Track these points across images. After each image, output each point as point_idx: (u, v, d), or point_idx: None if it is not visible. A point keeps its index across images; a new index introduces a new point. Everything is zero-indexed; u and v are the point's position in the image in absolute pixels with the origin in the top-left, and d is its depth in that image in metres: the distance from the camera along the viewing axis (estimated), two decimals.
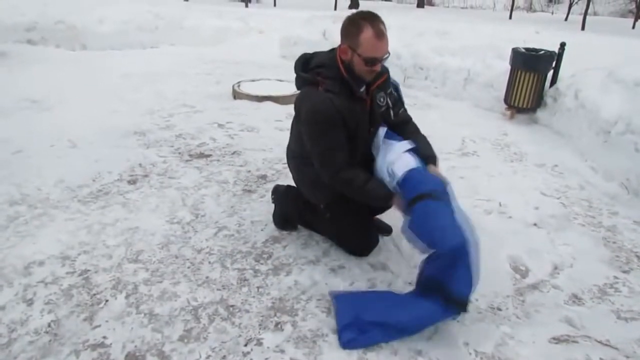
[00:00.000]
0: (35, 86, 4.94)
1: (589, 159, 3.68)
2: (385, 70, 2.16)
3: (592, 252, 2.54)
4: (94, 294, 1.99)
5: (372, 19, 1.90)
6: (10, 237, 2.37)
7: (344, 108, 1.97)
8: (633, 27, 13.79)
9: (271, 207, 2.65)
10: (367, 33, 1.87)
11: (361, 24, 1.89)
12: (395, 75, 2.81)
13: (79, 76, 5.58)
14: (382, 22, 1.92)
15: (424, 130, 2.37)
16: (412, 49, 6.13)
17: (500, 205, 2.99)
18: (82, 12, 7.56)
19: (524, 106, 4.71)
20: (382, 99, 2.16)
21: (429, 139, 2.31)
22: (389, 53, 1.97)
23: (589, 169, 3.58)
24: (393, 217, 2.68)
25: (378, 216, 2.56)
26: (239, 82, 5.30)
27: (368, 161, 2.17)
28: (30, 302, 1.92)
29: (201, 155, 3.53)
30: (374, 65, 1.94)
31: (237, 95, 5.05)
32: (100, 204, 2.75)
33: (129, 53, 7.22)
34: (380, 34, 1.89)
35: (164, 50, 7.63)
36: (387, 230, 2.55)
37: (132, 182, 3.05)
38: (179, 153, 3.55)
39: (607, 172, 3.43)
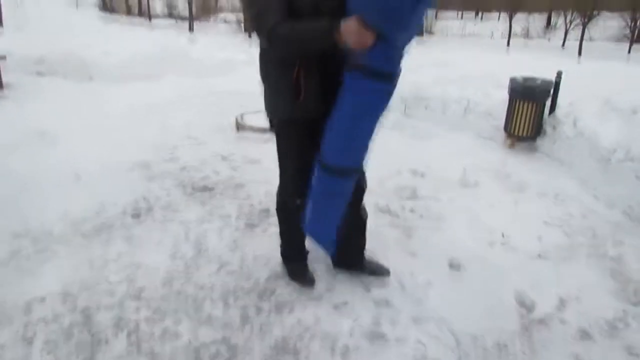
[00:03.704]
0: (42, 119, 5.00)
1: (590, 187, 3.68)
2: None
3: (599, 284, 2.52)
4: (95, 333, 1.98)
5: None
6: (12, 273, 2.37)
7: None
8: (629, 52, 13.98)
9: (274, 241, 2.64)
10: None
11: None
12: (395, 104, 2.86)
13: (86, 108, 5.66)
14: None
15: (424, 161, 2.38)
16: (412, 78, 6.20)
17: (503, 236, 2.98)
18: (91, 45, 7.75)
19: (524, 135, 4.74)
20: None
21: (430, 169, 2.31)
22: None
23: (591, 197, 3.58)
24: (391, 259, 2.68)
25: (373, 257, 2.54)
26: (242, 114, 5.36)
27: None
28: (30, 342, 1.91)
29: (204, 189, 3.55)
30: None
31: (240, 127, 5.10)
32: (104, 238, 2.75)
33: (135, 85, 7.33)
34: None
35: (169, 81, 7.74)
36: (385, 272, 2.47)
37: (136, 215, 3.06)
38: (183, 186, 3.57)
39: (609, 200, 3.43)
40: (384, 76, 1.79)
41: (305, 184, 2.07)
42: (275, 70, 1.98)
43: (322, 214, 2.05)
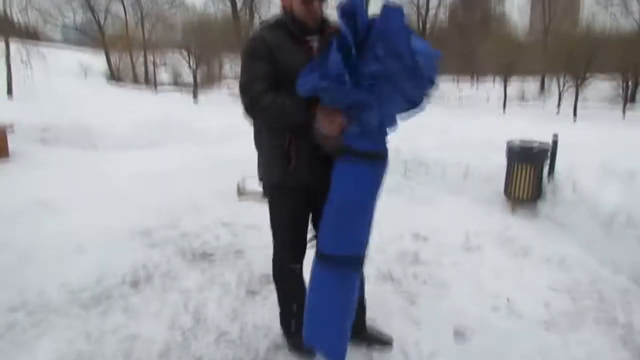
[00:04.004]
0: (45, 187, 5.07)
1: (595, 251, 3.65)
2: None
3: (609, 354, 2.43)
4: None
5: None
6: (8, 347, 2.31)
7: (276, 42, 1.91)
8: (623, 113, 14.38)
9: (275, 310, 2.58)
10: None
11: None
12: (395, 169, 2.88)
13: (89, 176, 5.75)
14: None
15: (426, 225, 2.38)
16: (411, 144, 6.34)
17: (508, 302, 2.92)
18: (97, 113, 7.99)
19: (524, 198, 4.77)
20: None
21: (432, 233, 2.31)
22: None
23: (596, 262, 3.54)
24: (394, 327, 2.63)
25: (375, 326, 2.48)
26: (243, 180, 5.43)
27: None
28: None
29: (205, 255, 3.53)
30: (310, 4, 1.90)
31: (241, 192, 5.15)
32: (102, 309, 2.71)
33: (139, 152, 7.49)
34: None
35: (173, 149, 7.91)
36: (388, 341, 2.40)
37: (135, 284, 3.03)
38: (183, 253, 3.55)
39: (615, 264, 3.39)
40: (369, 156, 1.79)
41: (300, 250, 2.07)
42: (267, 137, 2.05)
43: (324, 315, 1.91)
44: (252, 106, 1.90)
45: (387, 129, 1.84)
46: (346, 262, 1.85)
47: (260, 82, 1.89)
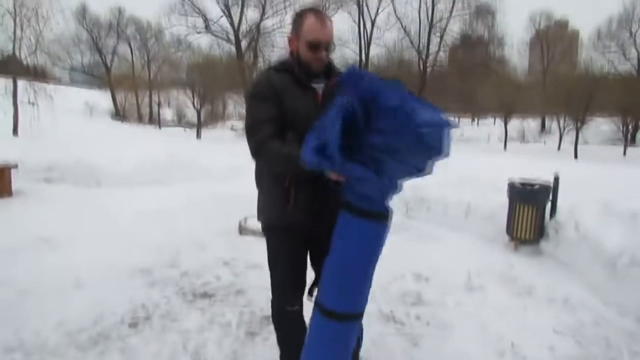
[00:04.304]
0: (47, 224, 5.07)
1: (599, 292, 3.60)
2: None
3: None
4: None
5: (316, 10, 2.00)
6: None
7: (281, 85, 1.95)
8: (624, 154, 14.44)
9: (275, 351, 2.54)
10: (310, 19, 1.95)
11: (305, 13, 1.98)
12: (397, 206, 2.90)
13: (91, 213, 5.75)
14: (327, 16, 2.01)
15: (428, 264, 2.37)
16: (413, 181, 6.36)
17: (512, 345, 2.86)
18: (101, 152, 8.07)
19: (526, 238, 4.75)
20: None
21: (434, 272, 2.29)
22: (334, 44, 2.01)
23: (601, 303, 3.49)
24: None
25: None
26: (245, 218, 5.44)
27: None
28: None
29: (205, 295, 3.50)
30: (317, 50, 1.94)
31: (243, 230, 5.15)
32: (99, 350, 2.66)
33: (142, 190, 7.50)
34: (322, 20, 1.95)
35: (176, 187, 7.92)
36: None
37: (134, 325, 2.99)
38: (183, 293, 3.52)
39: (620, 306, 3.34)
40: (371, 215, 1.77)
41: (298, 291, 2.05)
42: (268, 176, 2.08)
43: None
44: (257, 151, 1.93)
45: (390, 194, 1.82)
46: (345, 317, 1.84)
47: (266, 126, 1.91)
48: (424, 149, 1.63)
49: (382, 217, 1.80)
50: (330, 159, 1.61)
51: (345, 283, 1.82)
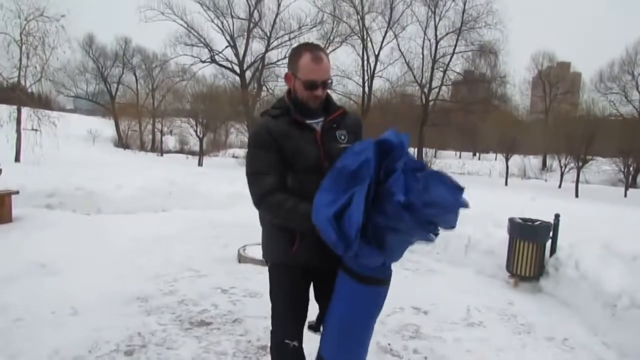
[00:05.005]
0: (45, 250, 5.05)
1: (599, 332, 3.57)
2: (354, 116, 2.15)
3: None
4: None
5: (312, 47, 1.98)
6: None
7: (280, 131, 1.93)
8: (625, 195, 14.45)
9: None
10: (306, 58, 1.93)
11: (301, 51, 1.97)
12: None
13: (90, 240, 5.74)
14: (324, 51, 1.99)
15: (428, 298, 2.36)
16: None
17: None
18: (102, 178, 8.10)
19: (527, 275, 4.73)
20: (343, 137, 2.03)
21: (433, 306, 2.28)
22: (331, 80, 1.99)
23: (600, 344, 3.45)
24: None
25: None
26: (244, 246, 5.43)
27: None
28: None
29: (202, 324, 3.47)
30: (313, 89, 1.93)
31: (242, 259, 5.14)
32: None
33: (142, 217, 7.50)
34: (318, 59, 1.93)
35: (175, 214, 7.93)
36: None
37: (129, 353, 2.96)
38: (180, 321, 3.49)
39: (620, 348, 3.30)
40: (367, 280, 1.77)
41: (298, 326, 2.04)
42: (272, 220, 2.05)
43: None
44: (259, 203, 1.93)
45: (392, 262, 1.82)
46: None
47: (268, 177, 1.91)
48: (430, 230, 1.65)
49: (382, 282, 1.81)
50: (346, 240, 1.59)
51: (344, 341, 1.84)
